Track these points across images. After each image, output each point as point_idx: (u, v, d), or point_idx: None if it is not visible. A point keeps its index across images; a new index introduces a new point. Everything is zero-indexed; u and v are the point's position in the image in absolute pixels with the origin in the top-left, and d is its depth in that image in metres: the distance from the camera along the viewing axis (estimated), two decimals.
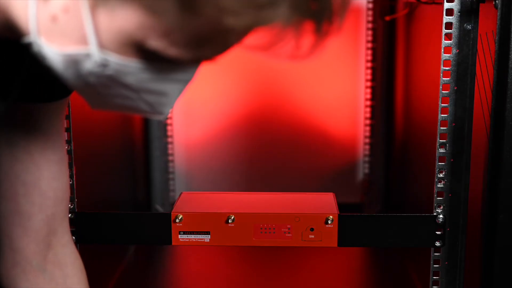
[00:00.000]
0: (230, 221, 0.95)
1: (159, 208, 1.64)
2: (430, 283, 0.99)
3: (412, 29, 1.31)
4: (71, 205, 0.97)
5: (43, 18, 0.50)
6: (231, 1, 0.46)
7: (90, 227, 0.98)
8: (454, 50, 0.91)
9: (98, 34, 0.49)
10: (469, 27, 0.90)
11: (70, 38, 0.50)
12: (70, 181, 0.90)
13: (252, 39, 0.50)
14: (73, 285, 0.78)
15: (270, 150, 1.58)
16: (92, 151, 1.09)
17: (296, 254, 1.39)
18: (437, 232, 0.95)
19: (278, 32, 0.48)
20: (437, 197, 0.95)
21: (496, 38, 0.83)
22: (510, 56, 0.81)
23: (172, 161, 1.65)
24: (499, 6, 0.81)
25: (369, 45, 1.57)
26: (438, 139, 0.93)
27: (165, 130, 1.62)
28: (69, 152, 0.95)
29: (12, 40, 0.55)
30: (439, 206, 0.95)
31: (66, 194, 0.76)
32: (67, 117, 0.95)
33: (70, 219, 0.98)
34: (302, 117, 1.60)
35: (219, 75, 1.57)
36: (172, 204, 1.41)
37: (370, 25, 1.57)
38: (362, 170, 1.66)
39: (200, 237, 0.96)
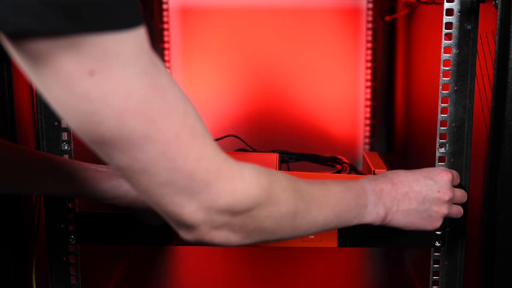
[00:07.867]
0: None
1: None
2: (430, 283, 0.98)
3: (412, 29, 1.31)
4: (71, 205, 0.97)
5: None
6: None
7: (90, 227, 0.98)
8: (454, 50, 0.91)
9: None
10: (469, 27, 0.90)
11: None
12: None
13: None
14: None
15: (269, 150, 1.58)
16: (92, 151, 1.09)
17: (296, 254, 1.39)
18: (437, 232, 0.95)
19: None
20: None
21: (496, 38, 0.83)
22: (510, 56, 0.81)
23: None
24: (499, 6, 0.81)
25: (369, 45, 1.57)
26: (438, 139, 0.93)
27: None
28: (69, 152, 0.95)
29: None
30: None
31: None
32: None
33: (70, 219, 0.98)
34: (302, 117, 1.60)
35: (219, 75, 1.57)
36: None
37: (370, 25, 1.57)
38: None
39: None
